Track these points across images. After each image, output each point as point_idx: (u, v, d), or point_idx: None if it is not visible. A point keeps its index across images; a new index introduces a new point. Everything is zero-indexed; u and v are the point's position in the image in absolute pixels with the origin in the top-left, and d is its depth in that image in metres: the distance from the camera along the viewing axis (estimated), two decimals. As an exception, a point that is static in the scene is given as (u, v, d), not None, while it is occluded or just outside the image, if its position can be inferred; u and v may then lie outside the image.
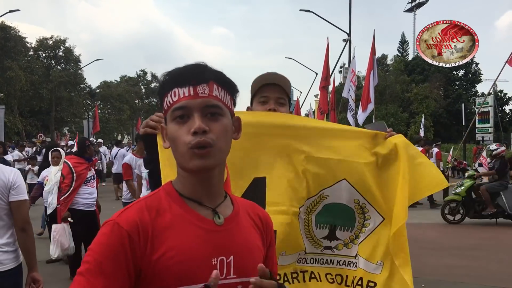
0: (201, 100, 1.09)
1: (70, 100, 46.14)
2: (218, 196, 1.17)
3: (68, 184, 5.55)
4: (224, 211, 1.16)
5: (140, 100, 62.04)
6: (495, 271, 6.42)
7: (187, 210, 1.12)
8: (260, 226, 1.24)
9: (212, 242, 1.09)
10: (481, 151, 15.58)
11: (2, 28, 36.41)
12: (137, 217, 1.06)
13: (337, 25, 22.48)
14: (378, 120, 29.16)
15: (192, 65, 1.14)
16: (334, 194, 2.03)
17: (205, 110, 1.09)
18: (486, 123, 36.89)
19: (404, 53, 59.89)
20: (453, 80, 51.45)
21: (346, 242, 2.08)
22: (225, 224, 1.13)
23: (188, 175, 1.12)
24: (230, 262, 1.10)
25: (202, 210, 1.13)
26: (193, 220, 1.10)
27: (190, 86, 1.10)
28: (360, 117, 16.20)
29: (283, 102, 2.06)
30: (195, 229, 1.09)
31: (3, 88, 36.11)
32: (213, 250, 1.09)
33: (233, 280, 1.10)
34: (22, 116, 40.75)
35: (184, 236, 1.07)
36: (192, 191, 1.13)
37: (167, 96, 1.12)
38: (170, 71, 1.15)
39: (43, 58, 46.54)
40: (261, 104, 2.05)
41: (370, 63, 15.67)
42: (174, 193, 1.14)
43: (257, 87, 2.06)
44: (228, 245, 1.11)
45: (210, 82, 1.11)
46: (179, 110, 1.10)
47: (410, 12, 66.50)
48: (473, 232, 9.39)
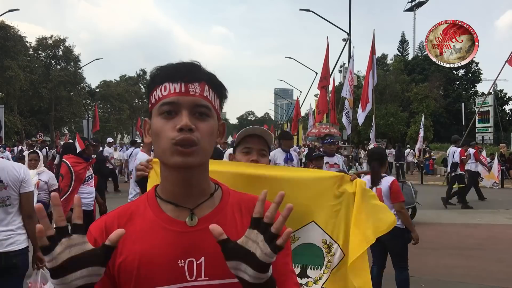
0: (191, 98, 1.08)
1: (69, 100, 46.19)
2: (199, 196, 1.13)
3: (67, 183, 5.51)
4: (204, 210, 1.13)
5: (140, 100, 62.04)
6: (495, 271, 6.41)
7: (159, 214, 1.12)
8: None
9: (181, 244, 1.08)
10: (481, 150, 15.56)
11: (2, 28, 36.41)
12: (104, 224, 1.12)
13: (337, 24, 22.48)
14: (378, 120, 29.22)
15: (186, 62, 1.13)
16: (304, 235, 2.19)
17: (194, 109, 1.08)
18: (486, 122, 36.90)
19: (404, 52, 59.93)
20: (453, 80, 51.43)
21: (316, 280, 2.24)
22: (199, 224, 1.10)
23: (169, 174, 1.11)
24: (200, 264, 1.07)
25: (177, 212, 1.11)
26: (163, 224, 1.10)
27: (182, 82, 1.09)
28: (360, 116, 16.21)
29: (264, 153, 2.22)
30: (163, 233, 1.09)
31: (2, 87, 36.11)
32: (181, 252, 1.07)
33: (204, 282, 1.06)
34: (22, 116, 40.74)
35: (150, 240, 1.08)
36: (170, 192, 1.13)
37: (156, 89, 1.11)
38: (163, 65, 1.14)
39: (42, 58, 46.58)
40: (244, 154, 2.20)
41: (369, 63, 15.67)
42: (152, 196, 1.16)
43: (241, 137, 2.23)
44: (200, 246, 1.08)
45: (202, 82, 1.11)
46: (167, 105, 1.08)
47: (410, 12, 66.61)
48: (473, 232, 9.38)
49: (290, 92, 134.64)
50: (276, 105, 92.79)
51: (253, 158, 2.16)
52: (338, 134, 30.49)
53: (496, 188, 17.06)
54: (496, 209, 12.41)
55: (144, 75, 63.73)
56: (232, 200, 1.18)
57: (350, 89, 16.38)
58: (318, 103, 19.81)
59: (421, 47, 56.08)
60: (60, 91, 44.28)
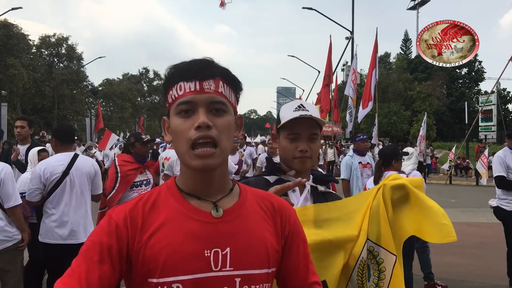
0: (206, 96, 1.10)
1: (72, 98, 46.29)
2: (220, 191, 1.16)
3: (111, 185, 4.73)
4: (226, 204, 1.15)
5: (143, 98, 62.15)
6: (498, 269, 6.39)
7: (183, 204, 1.13)
8: (272, 216, 1.20)
9: (207, 234, 1.09)
10: (483, 149, 15.50)
11: (5, 26, 36.47)
12: (128, 209, 1.11)
13: (340, 23, 22.46)
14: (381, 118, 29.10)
15: (199, 60, 1.14)
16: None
17: (210, 106, 1.10)
18: (489, 121, 36.83)
19: (407, 51, 59.77)
20: (456, 78, 51.30)
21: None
22: (224, 216, 1.12)
23: (189, 171, 1.13)
24: (226, 254, 1.09)
25: (201, 204, 1.13)
26: (189, 213, 1.11)
27: (197, 81, 1.10)
28: (360, 114, 16.17)
29: (315, 137, 1.86)
30: (189, 222, 1.10)
31: (5, 85, 36.19)
32: (207, 242, 1.08)
33: (229, 273, 1.08)
34: (25, 114, 40.83)
35: (177, 229, 1.08)
36: (192, 187, 1.14)
37: (172, 89, 1.13)
38: (176, 64, 1.15)
39: (45, 56, 46.69)
40: (290, 141, 1.85)
41: (372, 61, 15.63)
42: (173, 188, 1.16)
43: (287, 120, 1.84)
44: (225, 236, 1.10)
45: (216, 78, 1.12)
46: (184, 104, 1.10)
47: (413, 10, 66.41)
48: (476, 230, 9.35)
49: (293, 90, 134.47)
50: (278, 103, 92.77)
51: (301, 148, 1.82)
52: (341, 132, 30.48)
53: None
54: (499, 208, 12.37)
55: (147, 73, 63.85)
56: (250, 196, 1.21)
57: (353, 88, 16.34)
58: (320, 101, 19.74)
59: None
60: (63, 89, 44.37)
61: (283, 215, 1.22)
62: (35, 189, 3.94)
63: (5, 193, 3.64)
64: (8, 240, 3.70)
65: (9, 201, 3.66)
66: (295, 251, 1.22)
